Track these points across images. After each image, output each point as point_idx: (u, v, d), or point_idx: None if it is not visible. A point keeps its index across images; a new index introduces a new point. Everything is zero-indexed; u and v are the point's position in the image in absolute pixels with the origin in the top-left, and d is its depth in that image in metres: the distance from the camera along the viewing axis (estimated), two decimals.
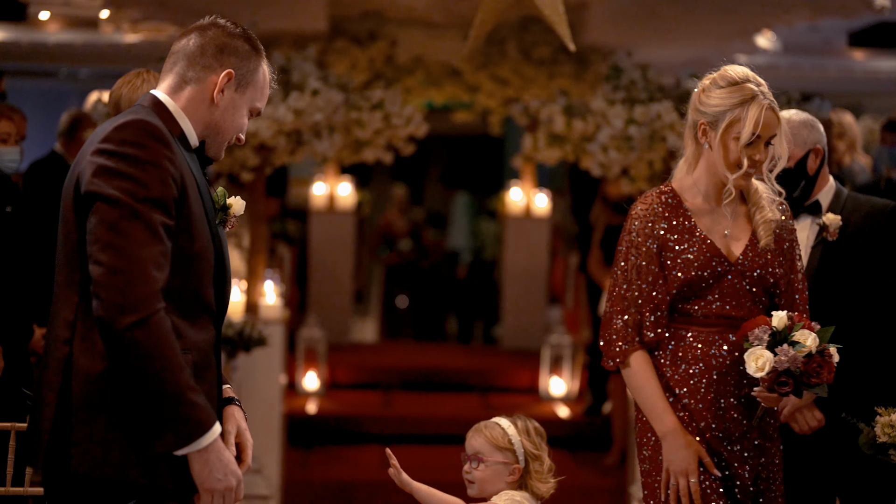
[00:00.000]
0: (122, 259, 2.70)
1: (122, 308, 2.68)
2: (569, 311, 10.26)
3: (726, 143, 3.47)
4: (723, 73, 3.54)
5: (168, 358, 2.71)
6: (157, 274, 2.73)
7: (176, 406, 2.72)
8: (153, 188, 2.76)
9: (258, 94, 3.05)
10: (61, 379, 2.80)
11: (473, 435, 3.66)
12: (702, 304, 3.54)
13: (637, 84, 6.63)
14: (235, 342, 6.07)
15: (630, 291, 3.53)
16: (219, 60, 2.97)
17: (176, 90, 2.98)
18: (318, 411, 8.48)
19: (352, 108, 6.60)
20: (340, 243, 10.39)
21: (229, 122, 3.00)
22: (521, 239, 10.51)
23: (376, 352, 10.72)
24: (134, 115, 2.86)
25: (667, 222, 3.58)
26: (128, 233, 2.71)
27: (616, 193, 7.65)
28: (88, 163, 2.80)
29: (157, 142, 2.81)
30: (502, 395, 9.25)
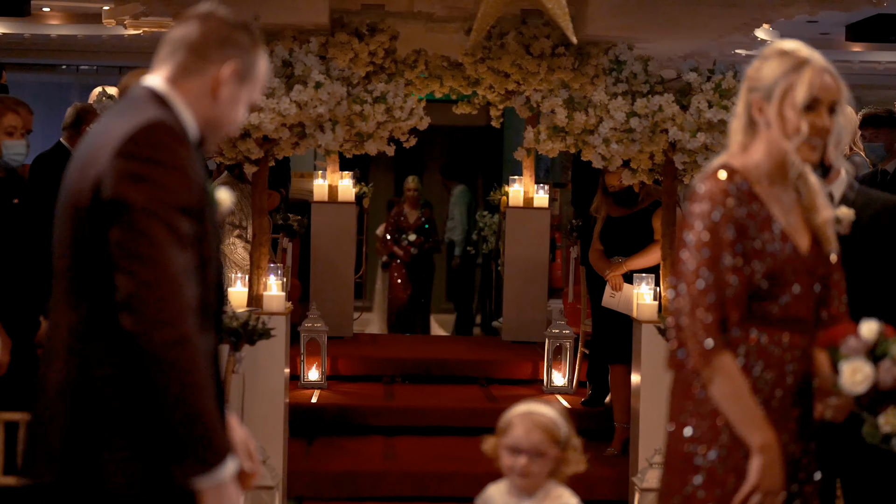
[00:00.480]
0: (157, 272, 2.61)
1: (158, 324, 2.60)
2: (569, 303, 10.30)
3: (783, 112, 3.21)
4: (772, 47, 3.32)
5: (198, 380, 2.64)
6: (189, 288, 2.66)
7: (200, 431, 2.64)
8: (182, 195, 2.68)
9: (257, 87, 2.98)
10: (71, 391, 2.69)
11: (531, 429, 3.55)
12: (773, 303, 3.23)
13: (638, 77, 6.66)
14: (240, 334, 6.10)
15: (712, 286, 3.15)
16: (221, 53, 2.88)
17: (175, 81, 2.88)
18: (320, 403, 8.52)
19: (354, 101, 6.63)
20: (342, 234, 10.42)
21: (229, 117, 2.92)
22: (522, 231, 10.54)
23: (378, 344, 10.76)
24: (150, 115, 2.75)
25: (746, 208, 3.22)
26: (160, 244, 2.63)
27: (616, 185, 7.69)
28: (111, 167, 2.68)
29: (181, 145, 2.72)
30: (504, 386, 9.29)
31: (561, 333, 8.95)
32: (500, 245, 11.49)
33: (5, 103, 5.92)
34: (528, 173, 10.61)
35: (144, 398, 2.65)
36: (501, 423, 3.65)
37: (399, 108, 6.72)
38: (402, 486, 7.36)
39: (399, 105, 6.72)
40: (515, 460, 3.58)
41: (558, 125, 6.76)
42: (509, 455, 3.58)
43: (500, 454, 3.63)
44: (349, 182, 10.57)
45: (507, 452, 3.59)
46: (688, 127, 6.49)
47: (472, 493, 7.30)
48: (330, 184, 10.49)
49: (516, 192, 10.60)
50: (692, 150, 6.55)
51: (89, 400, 2.69)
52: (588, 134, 6.72)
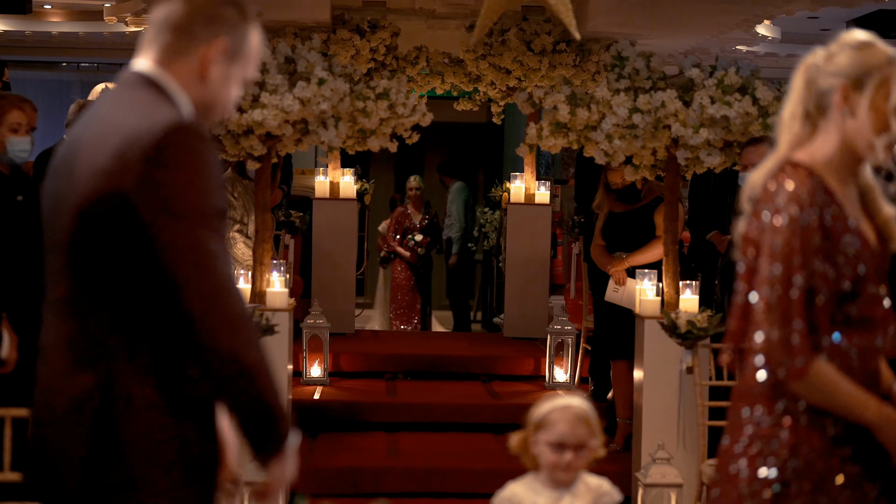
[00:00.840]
0: (214, 279, 2.56)
1: (226, 332, 2.56)
2: (571, 299, 10.31)
3: (876, 104, 3.01)
4: (845, 38, 3.09)
5: (268, 374, 2.65)
6: (237, 289, 2.62)
7: (278, 420, 2.68)
8: (216, 198, 2.61)
9: (250, 64, 2.83)
10: (93, 411, 2.58)
11: (576, 424, 3.56)
12: (852, 304, 3.05)
13: (641, 73, 6.67)
14: None
15: (804, 294, 2.95)
16: (209, 30, 2.74)
17: (164, 63, 2.75)
18: (323, 399, 8.53)
19: (357, 98, 6.64)
20: (344, 231, 10.43)
21: (221, 98, 2.80)
22: (523, 227, 10.55)
23: (380, 340, 10.77)
24: (168, 116, 2.63)
25: (829, 208, 3.02)
26: (209, 250, 2.56)
27: (619, 182, 7.70)
28: (140, 175, 2.56)
29: (206, 144, 2.63)
30: (506, 382, 9.30)
31: (563, 329, 8.96)
32: (502, 241, 11.50)
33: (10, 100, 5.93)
34: (530, 170, 10.62)
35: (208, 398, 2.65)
36: (537, 418, 3.63)
37: (402, 105, 6.73)
38: (405, 482, 7.38)
39: (402, 101, 6.72)
40: (561, 456, 3.58)
41: (561, 121, 6.76)
42: (553, 451, 3.58)
43: (539, 450, 3.61)
44: (350, 179, 10.57)
45: (551, 449, 3.59)
46: (690, 123, 6.50)
47: (475, 489, 7.37)
48: (331, 180, 10.50)
49: (517, 189, 10.61)
50: (695, 145, 6.55)
51: (117, 424, 2.59)
52: (591, 130, 6.73)
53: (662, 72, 6.75)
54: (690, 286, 6.79)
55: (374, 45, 10.04)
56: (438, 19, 10.79)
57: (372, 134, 6.85)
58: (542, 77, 9.79)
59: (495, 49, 9.91)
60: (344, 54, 9.85)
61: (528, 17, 9.96)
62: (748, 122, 6.52)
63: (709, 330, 6.31)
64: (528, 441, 3.65)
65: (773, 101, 6.52)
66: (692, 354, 6.30)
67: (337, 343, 9.60)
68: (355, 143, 6.93)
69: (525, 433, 3.67)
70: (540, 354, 9.41)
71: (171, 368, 2.62)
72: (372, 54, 10.09)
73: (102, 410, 2.58)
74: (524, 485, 3.69)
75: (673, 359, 6.66)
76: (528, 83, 9.91)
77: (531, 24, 9.91)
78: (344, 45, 9.90)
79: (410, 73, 10.34)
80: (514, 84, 10.10)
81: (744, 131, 6.56)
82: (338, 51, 9.80)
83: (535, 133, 6.93)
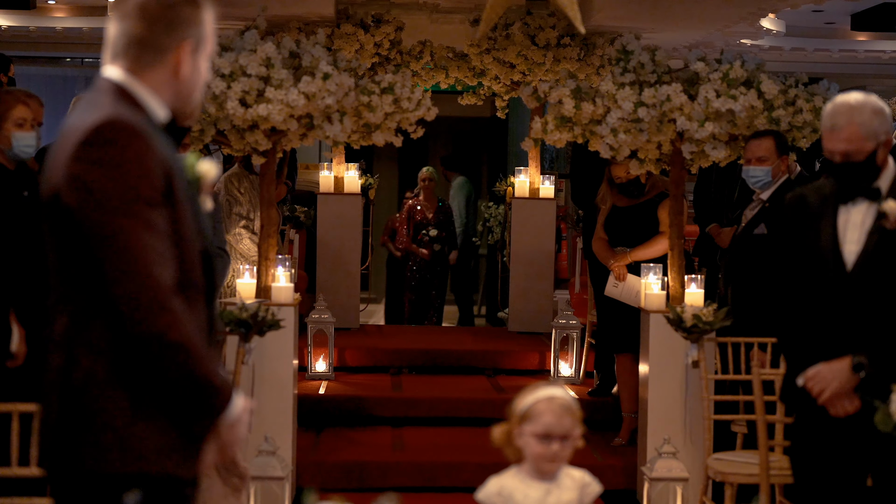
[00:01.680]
0: (130, 264, 2.70)
1: (146, 313, 2.71)
2: (576, 294, 10.31)
3: None
4: None
5: (199, 351, 2.77)
6: (165, 270, 2.74)
7: (207, 389, 2.80)
8: (140, 187, 2.73)
9: (211, 42, 3.03)
10: (59, 384, 2.81)
11: (562, 414, 3.56)
12: None
13: (646, 66, 6.66)
14: (250, 325, 6.11)
15: None
16: (172, 37, 2.90)
17: (135, 73, 2.90)
18: (328, 394, 8.54)
19: (362, 92, 6.63)
20: (348, 225, 10.43)
21: (195, 86, 2.98)
22: (528, 221, 10.55)
23: (385, 335, 10.77)
24: (102, 114, 2.79)
25: None
26: (126, 237, 2.71)
27: (623, 177, 7.69)
28: (68, 172, 2.75)
29: (134, 138, 2.75)
30: (511, 377, 9.31)
31: (567, 324, 8.96)
32: (506, 236, 11.49)
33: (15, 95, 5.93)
34: (534, 164, 10.62)
35: (144, 377, 2.77)
36: (521, 410, 3.62)
37: (407, 99, 6.72)
38: (411, 477, 7.38)
39: (407, 96, 6.71)
40: (548, 447, 3.57)
41: (566, 115, 6.75)
42: (539, 442, 3.58)
43: (525, 442, 3.61)
44: (355, 173, 10.57)
45: (537, 440, 3.58)
46: (696, 116, 6.49)
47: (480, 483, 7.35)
48: (336, 175, 10.50)
49: (522, 183, 10.61)
50: (700, 139, 6.54)
51: (75, 391, 2.80)
52: (595, 124, 6.72)
53: (667, 65, 6.74)
54: (696, 280, 6.79)
55: (379, 40, 10.04)
56: (442, 14, 10.79)
57: (377, 128, 6.84)
58: (547, 71, 9.79)
59: (499, 43, 9.90)
60: (348, 49, 9.85)
61: (532, 12, 9.95)
62: (753, 116, 6.51)
63: (714, 324, 6.31)
64: (513, 433, 3.64)
65: (778, 94, 6.51)
66: (698, 348, 6.30)
67: (342, 338, 9.61)
68: (360, 137, 6.93)
69: (509, 425, 3.65)
70: (545, 349, 9.41)
71: (120, 349, 2.78)
72: (376, 49, 10.08)
73: (67, 386, 2.80)
74: (511, 477, 3.68)
75: (678, 353, 6.67)
76: (532, 77, 9.91)
77: (535, 18, 9.91)
78: (348, 39, 9.90)
79: (414, 67, 10.35)
80: (518, 78, 10.09)
81: (749, 125, 6.56)
82: (342, 45, 9.80)
83: (541, 127, 6.93)
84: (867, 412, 4.02)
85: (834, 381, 4.14)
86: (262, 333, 6.19)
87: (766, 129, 6.56)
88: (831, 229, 4.22)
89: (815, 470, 4.30)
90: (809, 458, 4.33)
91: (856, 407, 4.14)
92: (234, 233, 7.71)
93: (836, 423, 4.20)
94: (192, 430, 2.84)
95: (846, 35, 11.93)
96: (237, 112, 6.36)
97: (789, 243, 4.34)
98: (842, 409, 4.16)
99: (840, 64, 12.73)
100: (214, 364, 2.84)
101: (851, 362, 4.13)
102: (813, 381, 4.18)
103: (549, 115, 6.89)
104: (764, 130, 6.55)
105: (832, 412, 4.18)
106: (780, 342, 4.51)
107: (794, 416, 4.50)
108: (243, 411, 2.91)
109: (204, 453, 2.87)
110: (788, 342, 4.40)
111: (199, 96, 3.02)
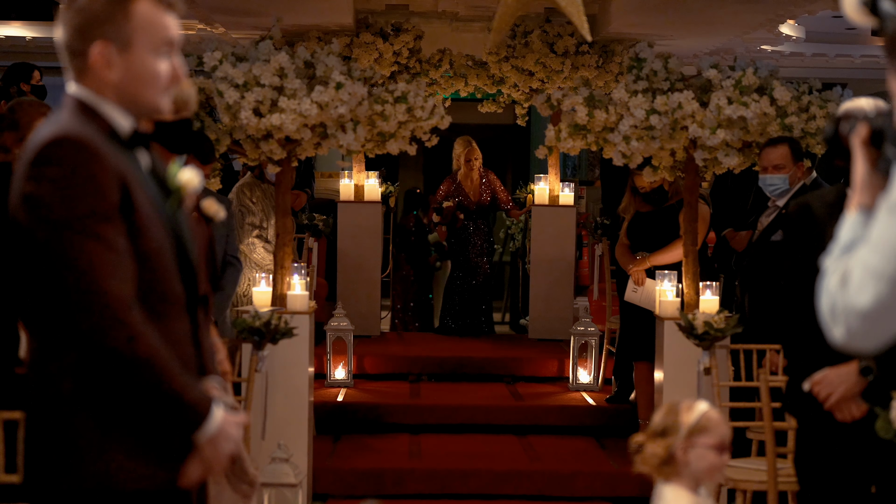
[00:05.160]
0: (82, 280, 2.67)
1: (103, 328, 2.67)
2: (594, 301, 10.31)
3: None
4: None
5: (160, 362, 2.72)
6: (121, 284, 2.70)
7: (176, 401, 2.74)
8: (91, 201, 2.69)
9: (152, 34, 2.82)
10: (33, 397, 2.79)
11: (723, 420, 3.60)
12: None
13: (658, 74, 6.66)
14: (263, 333, 6.16)
15: None
16: (84, 39, 2.79)
17: (79, 81, 2.83)
18: (346, 401, 8.57)
19: (376, 101, 6.66)
20: (369, 233, 10.47)
21: (142, 84, 2.82)
22: (548, 229, 10.55)
23: (404, 342, 10.80)
24: (54, 129, 2.76)
25: None
26: (78, 252, 2.67)
27: (646, 186, 7.70)
28: (20, 192, 2.73)
29: (83, 151, 2.71)
30: (530, 384, 9.31)
31: (586, 331, 8.97)
32: (527, 243, 11.48)
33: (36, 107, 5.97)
34: (554, 171, 10.63)
35: (110, 394, 2.74)
36: (691, 423, 3.52)
37: (420, 108, 6.75)
38: (428, 484, 7.40)
39: (420, 105, 6.74)
40: (722, 457, 3.57)
41: (579, 123, 6.77)
42: (717, 454, 3.55)
43: (699, 454, 3.51)
44: (375, 181, 10.61)
45: (715, 451, 3.56)
46: (708, 124, 6.49)
47: (496, 491, 7.39)
48: (356, 183, 10.55)
49: (542, 191, 10.62)
50: (712, 146, 6.55)
51: (46, 411, 2.78)
52: (608, 132, 6.73)
53: (680, 73, 6.75)
54: (711, 287, 6.78)
55: (398, 49, 10.08)
56: (462, 21, 10.82)
57: (391, 137, 6.87)
58: (565, 79, 9.80)
59: (518, 51, 9.92)
60: (367, 58, 9.89)
61: (551, 19, 9.97)
62: (766, 123, 6.51)
63: (726, 331, 6.30)
64: (678, 448, 3.58)
65: (790, 101, 6.51)
66: (710, 355, 6.29)
67: (361, 345, 9.64)
68: (374, 146, 6.96)
69: (669, 441, 3.60)
70: (564, 356, 9.42)
71: (86, 366, 2.75)
72: (395, 57, 10.12)
73: (39, 406, 2.79)
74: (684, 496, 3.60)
75: (692, 360, 6.66)
76: (550, 85, 9.92)
77: (554, 25, 9.92)
78: (367, 48, 9.94)
79: (434, 75, 10.37)
80: (537, 86, 10.11)
81: (762, 132, 6.55)
82: (361, 54, 9.85)
83: (554, 135, 6.95)
84: (871, 419, 4.02)
85: (841, 385, 4.14)
86: (275, 341, 6.23)
87: (780, 136, 6.55)
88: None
89: (820, 476, 4.30)
90: (815, 465, 4.33)
91: (862, 412, 4.14)
92: (247, 242, 7.76)
93: (841, 428, 4.20)
94: (165, 446, 2.79)
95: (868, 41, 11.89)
96: (251, 122, 6.41)
97: (796, 250, 4.35)
98: (848, 414, 4.16)
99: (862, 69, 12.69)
100: (187, 378, 2.79)
101: (859, 366, 4.12)
102: (820, 386, 4.18)
103: (562, 123, 6.90)
104: (778, 137, 6.54)
105: (839, 417, 4.17)
106: (786, 348, 4.51)
107: (799, 422, 4.49)
108: (226, 425, 2.83)
109: (187, 469, 2.82)
110: (794, 347, 4.41)
111: (156, 99, 2.86)
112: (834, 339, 2.13)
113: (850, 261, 2.13)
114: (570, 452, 7.93)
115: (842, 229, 2.25)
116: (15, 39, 11.84)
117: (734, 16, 9.14)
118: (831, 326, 2.12)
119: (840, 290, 2.11)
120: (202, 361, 2.97)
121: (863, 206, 2.27)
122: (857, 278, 2.09)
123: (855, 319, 2.08)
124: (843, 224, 2.26)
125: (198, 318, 2.96)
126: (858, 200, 2.28)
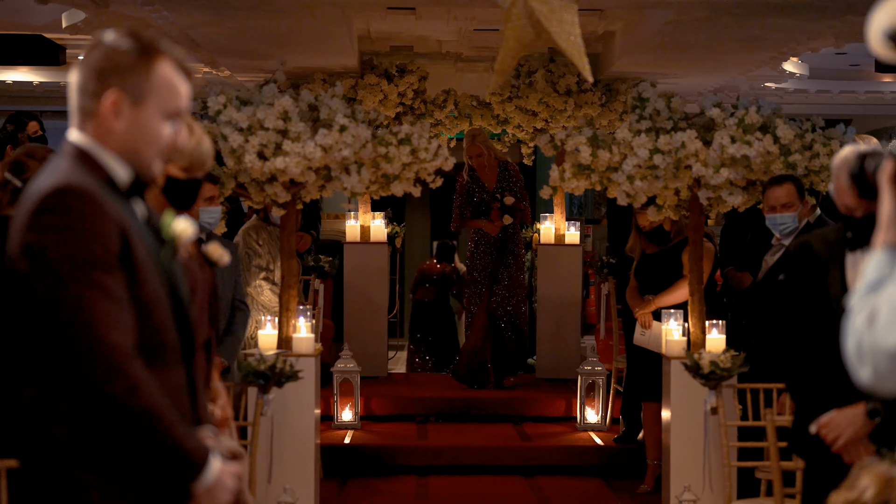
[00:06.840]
0: (83, 330, 2.67)
1: (102, 379, 2.67)
2: (601, 340, 10.28)
3: None
4: None
5: (158, 413, 2.72)
6: (121, 335, 2.70)
7: (174, 452, 2.74)
8: (93, 251, 2.70)
9: (165, 98, 2.84)
10: (29, 452, 2.77)
11: None
12: None
13: (661, 113, 6.67)
14: (268, 376, 6.14)
15: None
16: (101, 83, 2.79)
17: (83, 128, 2.84)
18: (353, 443, 8.54)
19: (380, 143, 6.68)
20: (375, 274, 10.47)
21: (143, 141, 2.83)
22: (554, 268, 10.54)
23: (411, 383, 10.77)
24: (55, 179, 2.76)
25: None
26: (79, 302, 2.67)
27: (647, 224, 7.70)
28: (21, 242, 2.73)
29: (86, 202, 2.72)
30: (538, 424, 9.28)
31: (593, 370, 8.94)
32: (533, 282, 11.48)
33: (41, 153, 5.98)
34: (560, 210, 10.63)
35: (109, 444, 2.73)
36: None
37: (424, 150, 6.76)
38: None
39: (424, 146, 6.76)
40: None
41: (583, 163, 6.78)
42: None
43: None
44: (381, 222, 10.62)
45: None
46: (711, 163, 6.50)
47: None
48: (362, 224, 10.55)
49: (547, 230, 10.61)
50: (716, 185, 6.55)
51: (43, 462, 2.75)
52: (612, 171, 6.74)
53: (683, 112, 6.76)
54: (717, 326, 6.76)
55: (402, 90, 10.12)
56: (466, 62, 10.87)
57: (395, 179, 6.89)
58: (569, 118, 9.82)
59: (522, 91, 9.95)
60: (372, 99, 9.93)
61: (555, 59, 10.00)
62: (769, 161, 6.51)
63: (732, 370, 6.28)
64: None
65: (794, 139, 6.51)
66: (716, 395, 6.27)
67: (368, 387, 9.62)
68: (379, 188, 6.97)
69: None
70: (571, 395, 9.39)
71: (84, 417, 2.74)
72: (400, 98, 10.16)
73: (35, 457, 2.76)
74: None
75: (699, 399, 6.62)
76: (554, 124, 9.94)
77: (558, 65, 9.95)
78: (372, 90, 9.99)
79: (439, 116, 10.40)
80: (541, 126, 10.13)
81: (766, 170, 6.55)
82: (366, 96, 9.89)
83: (558, 175, 6.95)
84: None
85: (849, 427, 4.11)
86: (280, 385, 6.21)
87: (782, 175, 6.53)
88: (840, 276, 4.21)
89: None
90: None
91: (870, 454, 4.11)
92: (254, 285, 7.77)
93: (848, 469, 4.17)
94: (163, 496, 2.78)
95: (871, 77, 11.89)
96: (255, 165, 6.42)
97: (797, 291, 4.34)
98: (857, 456, 4.13)
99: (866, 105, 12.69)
100: (185, 427, 2.79)
101: (866, 408, 4.10)
102: (827, 429, 4.16)
103: (566, 163, 6.91)
104: (780, 176, 6.51)
105: (847, 459, 4.14)
106: (792, 389, 4.49)
107: (806, 464, 4.47)
108: (223, 475, 2.83)
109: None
110: (800, 389, 4.39)
111: (154, 156, 2.87)
112: (860, 380, 2.09)
113: (877, 299, 2.10)
114: (578, 494, 7.90)
115: (868, 267, 2.22)
116: (22, 84, 11.89)
117: (737, 54, 9.17)
118: (857, 367, 2.08)
119: (867, 329, 2.07)
120: (197, 411, 2.97)
121: (890, 243, 2.23)
122: (885, 317, 2.05)
123: (883, 359, 2.04)
124: (869, 262, 2.23)
125: (193, 368, 2.96)
126: (885, 238, 2.25)
